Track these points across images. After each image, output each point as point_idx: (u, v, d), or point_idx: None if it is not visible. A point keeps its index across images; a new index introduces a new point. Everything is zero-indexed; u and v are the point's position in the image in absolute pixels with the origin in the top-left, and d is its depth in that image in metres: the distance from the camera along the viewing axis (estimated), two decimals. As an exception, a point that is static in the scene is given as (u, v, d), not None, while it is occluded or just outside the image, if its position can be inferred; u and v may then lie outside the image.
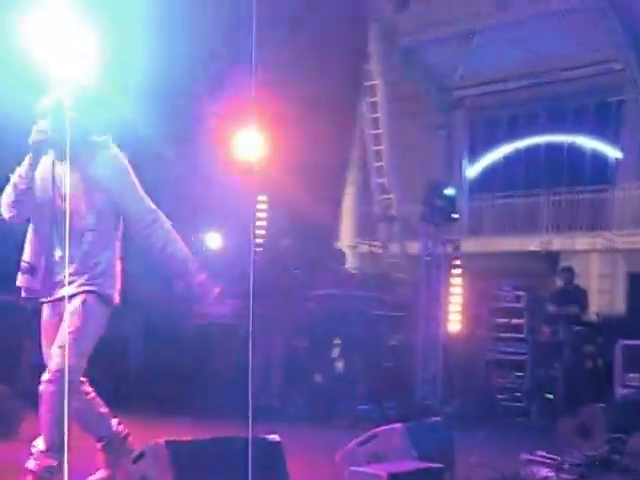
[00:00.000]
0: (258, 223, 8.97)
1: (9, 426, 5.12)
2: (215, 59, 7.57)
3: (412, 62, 15.18)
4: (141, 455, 3.31)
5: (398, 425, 4.18)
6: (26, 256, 3.80)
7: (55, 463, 3.56)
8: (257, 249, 8.67)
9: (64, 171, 3.60)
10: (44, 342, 3.78)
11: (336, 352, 8.64)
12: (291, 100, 7.81)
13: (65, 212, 3.53)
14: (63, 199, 3.62)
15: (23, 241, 3.87)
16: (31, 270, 3.77)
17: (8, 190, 3.76)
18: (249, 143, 8.13)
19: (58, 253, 3.68)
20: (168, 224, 3.85)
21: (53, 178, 3.68)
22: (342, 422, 7.12)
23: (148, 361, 7.69)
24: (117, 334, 7.17)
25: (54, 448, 3.55)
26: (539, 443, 5.70)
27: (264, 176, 8.05)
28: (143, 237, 3.80)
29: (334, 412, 7.54)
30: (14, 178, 3.73)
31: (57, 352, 3.58)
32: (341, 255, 9.84)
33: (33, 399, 3.71)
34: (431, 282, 8.94)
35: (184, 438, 3.36)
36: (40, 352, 3.81)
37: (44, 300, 3.79)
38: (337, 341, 8.56)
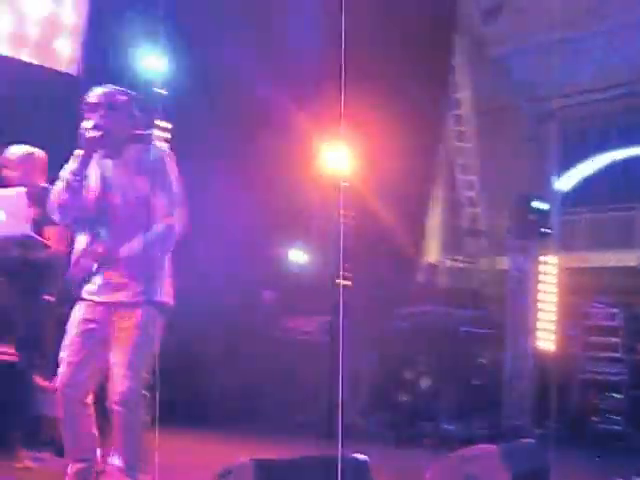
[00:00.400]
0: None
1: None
2: (301, 73, 7.58)
3: (501, 73, 14.91)
4: (227, 473, 3.29)
5: (492, 446, 4.04)
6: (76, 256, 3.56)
7: None
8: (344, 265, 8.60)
9: (113, 168, 3.52)
10: (77, 345, 3.52)
11: (423, 369, 8.50)
12: (378, 114, 7.74)
13: (117, 210, 3.45)
14: (115, 197, 3.50)
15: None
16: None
17: (60, 189, 3.49)
18: (336, 158, 8.12)
19: (107, 254, 3.48)
20: (162, 229, 3.52)
21: (103, 176, 3.54)
22: (428, 442, 6.98)
23: (229, 376, 7.70)
24: (199, 349, 7.27)
25: (131, 467, 3.51)
26: (636, 468, 5.46)
27: (350, 191, 8.01)
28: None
29: (420, 431, 7.41)
30: (66, 176, 3.46)
31: (127, 374, 3.44)
32: (429, 271, 9.69)
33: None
34: (521, 298, 8.71)
35: (270, 457, 3.32)
36: None
37: (92, 299, 3.54)
38: (425, 358, 8.42)
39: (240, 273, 7.67)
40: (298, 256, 8.58)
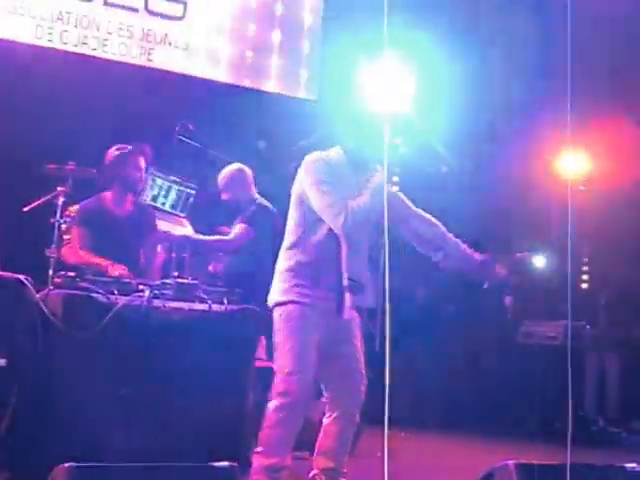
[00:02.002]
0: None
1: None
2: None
3: None
4: (489, 475, 3.29)
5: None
6: (349, 273, 3.52)
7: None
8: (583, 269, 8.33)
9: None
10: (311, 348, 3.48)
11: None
12: (614, 116, 7.40)
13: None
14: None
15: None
16: (361, 288, 3.59)
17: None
18: (572, 162, 7.90)
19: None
20: None
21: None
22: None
23: (473, 379, 7.66)
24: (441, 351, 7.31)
25: (338, 470, 3.58)
26: None
27: (587, 195, 7.72)
28: None
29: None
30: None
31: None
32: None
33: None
34: None
35: (532, 461, 3.28)
36: None
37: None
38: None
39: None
40: (540, 260, 8.38)
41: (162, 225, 4.99)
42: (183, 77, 6.81)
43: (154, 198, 5.26)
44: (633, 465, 3.30)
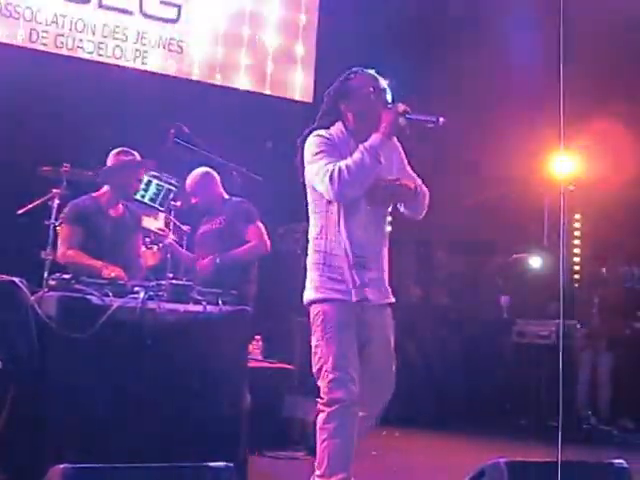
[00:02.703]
0: (575, 242, 8.63)
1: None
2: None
3: None
4: (481, 473, 3.28)
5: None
6: (357, 249, 3.23)
7: None
8: (575, 268, 8.36)
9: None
10: (351, 347, 3.21)
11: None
12: (608, 116, 7.41)
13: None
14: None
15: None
16: (366, 264, 3.26)
17: None
18: (564, 162, 7.94)
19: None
20: None
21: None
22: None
23: (468, 378, 7.67)
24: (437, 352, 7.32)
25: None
26: None
27: (580, 193, 7.76)
28: None
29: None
30: None
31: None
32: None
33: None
34: None
35: (522, 459, 3.27)
36: None
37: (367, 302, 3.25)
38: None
39: (478, 279, 7.69)
40: (535, 261, 8.39)
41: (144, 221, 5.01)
42: (178, 80, 6.81)
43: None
44: (620, 461, 3.25)
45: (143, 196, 5.22)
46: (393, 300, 3.39)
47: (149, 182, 5.23)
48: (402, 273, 5.95)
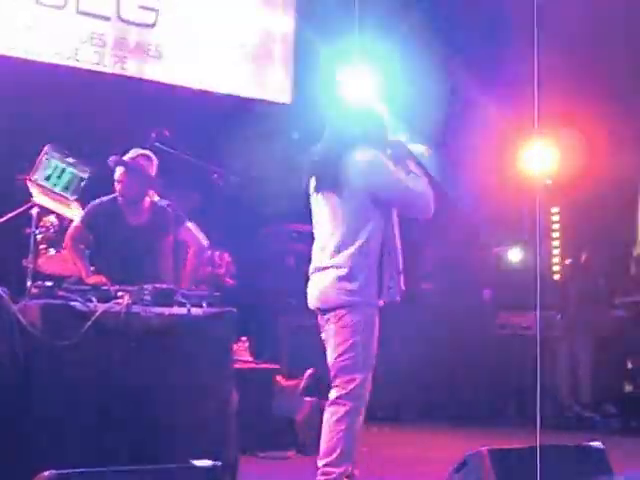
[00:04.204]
0: (554, 235, 8.66)
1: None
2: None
3: None
4: (463, 464, 3.29)
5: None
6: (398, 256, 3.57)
7: None
8: (554, 260, 8.39)
9: None
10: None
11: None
12: (582, 110, 7.43)
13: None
14: None
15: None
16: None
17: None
18: (540, 154, 7.96)
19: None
20: None
21: None
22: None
23: (453, 370, 7.68)
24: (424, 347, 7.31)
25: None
26: None
27: (557, 187, 7.77)
28: None
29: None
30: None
31: None
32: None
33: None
34: None
35: (505, 447, 3.28)
36: None
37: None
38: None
39: (464, 272, 7.71)
40: (515, 254, 8.41)
41: (50, 205, 4.82)
42: (157, 84, 6.75)
43: (47, 178, 5.02)
44: (597, 443, 3.37)
45: (55, 184, 5.02)
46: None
47: (63, 170, 5.04)
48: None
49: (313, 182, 3.59)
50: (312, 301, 3.57)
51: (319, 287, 3.51)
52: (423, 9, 7.62)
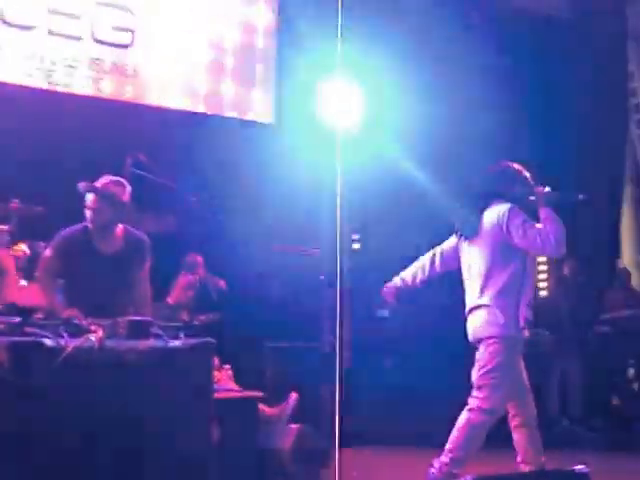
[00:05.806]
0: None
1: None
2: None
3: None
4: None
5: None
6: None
7: None
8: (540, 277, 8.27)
9: None
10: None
11: (631, 373, 7.92)
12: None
13: None
14: None
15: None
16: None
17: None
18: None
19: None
20: None
21: None
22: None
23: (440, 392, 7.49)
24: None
25: None
26: None
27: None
28: None
29: (635, 436, 6.89)
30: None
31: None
32: (626, 275, 9.01)
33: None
34: None
35: (487, 473, 3.25)
36: None
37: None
38: (635, 361, 7.84)
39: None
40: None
41: None
42: (134, 106, 6.54)
43: None
44: (581, 467, 3.28)
45: None
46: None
47: None
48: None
49: (459, 232, 4.18)
50: (469, 335, 4.18)
51: (473, 324, 4.13)
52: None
